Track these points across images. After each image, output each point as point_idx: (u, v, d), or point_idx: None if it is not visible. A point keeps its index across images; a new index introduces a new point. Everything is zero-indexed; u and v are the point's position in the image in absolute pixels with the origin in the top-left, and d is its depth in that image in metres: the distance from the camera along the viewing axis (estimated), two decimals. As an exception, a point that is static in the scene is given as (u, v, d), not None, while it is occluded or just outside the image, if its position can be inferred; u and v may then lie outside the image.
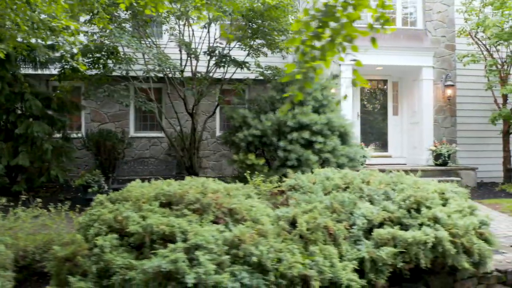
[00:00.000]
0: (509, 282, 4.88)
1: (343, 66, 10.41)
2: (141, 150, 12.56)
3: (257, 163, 7.60)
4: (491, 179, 10.91)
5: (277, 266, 3.49)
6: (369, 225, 4.25)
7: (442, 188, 4.88)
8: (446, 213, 4.39)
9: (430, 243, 4.02)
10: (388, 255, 3.92)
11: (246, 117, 7.90)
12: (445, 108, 10.84)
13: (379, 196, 4.64)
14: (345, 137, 8.12)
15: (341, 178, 5.12)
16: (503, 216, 7.66)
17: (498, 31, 8.99)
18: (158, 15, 8.19)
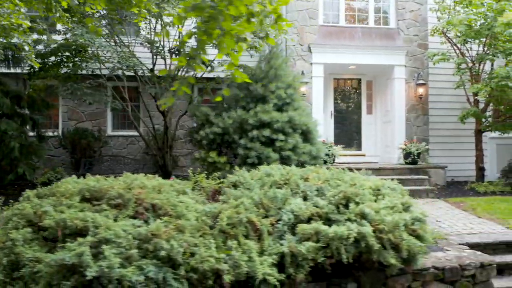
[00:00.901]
0: (447, 280, 4.90)
1: (314, 65, 10.44)
2: (119, 149, 12.59)
3: (218, 160, 7.64)
4: (464, 177, 10.92)
5: (189, 261, 3.52)
6: (296, 220, 4.27)
7: (377, 185, 4.91)
8: (375, 209, 4.41)
9: (352, 238, 4.04)
10: (309, 250, 3.95)
11: (208, 115, 7.94)
12: (417, 107, 10.86)
13: (312, 192, 4.67)
14: (308, 135, 8.15)
15: (281, 174, 5.15)
16: (463, 214, 7.68)
17: (464, 29, 9.00)
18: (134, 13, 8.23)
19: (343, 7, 10.82)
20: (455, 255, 5.15)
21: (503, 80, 8.49)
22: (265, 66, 8.35)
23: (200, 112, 7.98)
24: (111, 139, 12.47)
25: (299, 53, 10.43)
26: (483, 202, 8.28)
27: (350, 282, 4.49)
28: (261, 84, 8.10)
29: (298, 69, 10.36)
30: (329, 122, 11.42)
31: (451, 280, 4.89)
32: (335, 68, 11.14)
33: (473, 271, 4.97)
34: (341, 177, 5.07)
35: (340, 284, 4.46)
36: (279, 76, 8.28)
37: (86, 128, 11.96)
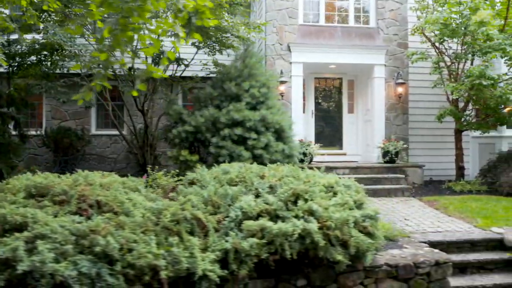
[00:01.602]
0: (401, 277, 4.93)
1: (293, 64, 10.46)
2: (102, 148, 12.65)
3: (190, 159, 7.67)
4: (445, 177, 10.92)
5: (126, 256, 3.55)
6: (244, 217, 4.30)
7: (331, 182, 4.94)
8: (323, 206, 4.44)
9: (296, 234, 4.07)
10: (253, 246, 3.98)
11: (181, 114, 7.97)
12: (397, 106, 10.87)
13: (264, 189, 4.70)
14: (281, 134, 8.17)
15: (238, 172, 5.18)
16: (434, 212, 7.69)
17: (439, 28, 9.01)
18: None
19: (323, 6, 10.84)
20: (411, 253, 5.17)
21: (477, 79, 8.50)
22: (240, 65, 8.38)
23: (173, 110, 8.01)
24: (94, 138, 12.53)
25: (278, 52, 10.45)
26: (457, 201, 8.29)
27: (300, 279, 4.53)
28: (235, 83, 8.13)
29: (277, 68, 10.39)
30: (310, 121, 11.45)
31: (405, 278, 4.92)
32: (316, 67, 11.17)
33: (427, 269, 5.00)
34: (297, 175, 5.10)
35: (289, 280, 4.50)
36: (254, 75, 8.30)
37: (69, 127, 12.01)
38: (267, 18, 10.42)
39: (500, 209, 7.57)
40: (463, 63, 9.97)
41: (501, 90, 8.48)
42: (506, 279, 5.61)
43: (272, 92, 8.39)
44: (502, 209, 7.59)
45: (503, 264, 5.92)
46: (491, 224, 6.74)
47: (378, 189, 9.09)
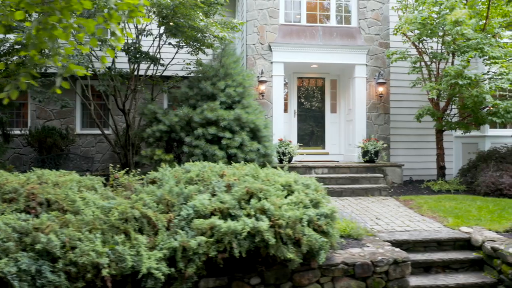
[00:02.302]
0: (358, 276, 4.94)
1: (274, 64, 10.48)
2: (87, 147, 12.69)
3: (164, 158, 7.69)
4: (427, 176, 10.94)
5: (68, 254, 3.57)
6: (196, 215, 4.32)
7: (289, 181, 4.95)
8: (276, 205, 4.45)
9: (245, 233, 4.09)
10: (200, 244, 4.00)
11: (156, 113, 8.00)
12: (378, 106, 10.88)
13: (221, 188, 4.71)
14: (257, 134, 8.19)
15: (199, 171, 5.20)
16: (407, 212, 7.69)
17: (417, 27, 9.01)
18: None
19: (304, 6, 10.85)
20: (371, 252, 5.18)
21: (453, 79, 8.50)
22: (216, 65, 8.40)
23: (148, 110, 8.04)
24: (79, 138, 12.57)
25: (259, 52, 10.47)
26: (432, 200, 8.30)
27: (253, 277, 4.54)
28: (211, 82, 8.16)
29: (258, 67, 10.41)
30: (292, 121, 11.46)
31: (362, 276, 4.94)
32: (298, 67, 11.18)
33: (385, 267, 5.01)
34: (257, 174, 5.12)
35: (243, 279, 4.51)
36: (230, 75, 8.33)
37: (53, 126, 12.05)
38: (248, 18, 10.44)
39: (473, 209, 7.57)
40: (445, 63, 9.98)
41: (477, 90, 8.48)
42: (470, 279, 5.61)
43: (248, 91, 8.41)
44: (476, 208, 7.60)
45: (468, 264, 5.93)
46: (461, 223, 6.75)
47: (356, 188, 9.11)
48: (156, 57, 8.65)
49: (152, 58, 8.53)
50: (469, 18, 8.38)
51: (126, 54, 8.62)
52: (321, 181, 9.27)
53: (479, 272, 5.85)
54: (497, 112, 8.55)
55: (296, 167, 9.72)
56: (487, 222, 6.83)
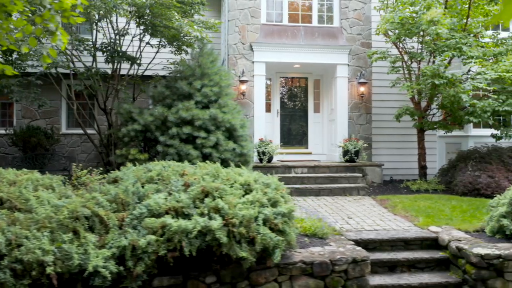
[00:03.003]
0: (317, 274, 4.95)
1: (256, 63, 10.50)
2: (72, 147, 12.73)
3: (139, 157, 7.71)
4: (409, 176, 10.95)
5: (14, 252, 3.60)
6: (150, 214, 4.34)
7: (248, 180, 4.97)
8: (231, 204, 4.47)
9: (195, 232, 4.11)
10: (150, 243, 4.02)
11: (131, 112, 8.01)
12: (360, 106, 10.89)
13: (177, 187, 4.73)
14: (233, 133, 8.19)
15: (160, 170, 5.22)
16: (381, 211, 7.70)
17: (393, 27, 9.02)
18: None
19: (286, 6, 10.87)
20: (331, 251, 5.19)
21: (429, 78, 8.51)
22: (193, 64, 8.42)
23: (123, 109, 8.05)
24: (64, 137, 12.61)
25: (241, 51, 10.49)
26: (408, 200, 8.32)
27: (209, 276, 4.56)
28: (187, 82, 8.17)
29: (240, 67, 10.44)
30: (275, 121, 11.48)
31: (321, 275, 4.95)
32: (281, 66, 11.20)
33: (344, 266, 5.02)
34: (218, 173, 5.14)
35: (198, 277, 4.53)
36: (207, 74, 8.33)
37: (38, 126, 12.09)
38: (229, 18, 10.47)
39: (447, 209, 7.59)
40: (427, 62, 9.98)
41: (454, 90, 8.48)
42: (434, 279, 5.62)
43: (225, 91, 8.40)
44: (449, 208, 7.61)
45: (434, 264, 5.94)
46: (431, 223, 6.77)
47: (334, 187, 9.12)
48: (133, 57, 8.68)
49: (129, 57, 8.56)
50: (449, 17, 8.37)
51: (103, 54, 8.65)
52: (299, 181, 9.39)
53: (445, 271, 5.86)
54: (475, 111, 8.56)
55: (276, 166, 9.75)
56: (458, 221, 6.85)
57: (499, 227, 5.94)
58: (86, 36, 9.95)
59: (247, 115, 10.49)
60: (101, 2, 7.33)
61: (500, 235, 5.93)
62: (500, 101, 8.52)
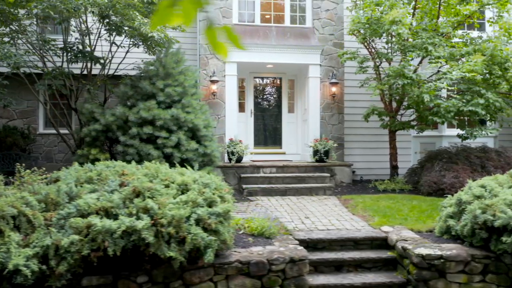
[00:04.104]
0: (253, 274, 4.97)
1: (227, 64, 10.52)
2: (50, 147, 12.76)
3: (100, 157, 7.73)
4: (382, 176, 10.94)
5: None
6: (78, 214, 4.37)
7: (186, 180, 4.99)
8: (163, 204, 4.50)
9: (120, 232, 4.13)
10: (73, 242, 4.04)
11: (93, 112, 8.05)
12: (332, 106, 10.90)
13: (111, 187, 4.76)
14: (196, 133, 8.22)
15: (100, 170, 5.25)
16: (341, 211, 7.71)
17: (359, 27, 9.03)
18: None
19: (258, 6, 10.89)
20: (271, 250, 5.21)
21: (392, 79, 8.51)
22: (157, 64, 8.44)
23: (85, 109, 8.09)
24: (42, 137, 12.64)
25: (212, 51, 10.51)
26: (371, 199, 8.33)
27: (140, 276, 4.58)
28: (150, 82, 8.20)
29: (211, 67, 10.46)
30: (249, 121, 11.50)
31: (257, 275, 4.97)
32: (254, 67, 11.22)
33: (282, 266, 5.04)
34: (157, 173, 5.16)
35: (129, 277, 4.55)
36: (171, 74, 8.36)
37: (15, 126, 12.13)
38: (200, 18, 10.49)
39: (406, 208, 7.60)
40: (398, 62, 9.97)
41: (418, 90, 8.48)
42: (379, 279, 5.63)
43: (189, 91, 8.41)
44: (408, 208, 7.62)
45: (382, 263, 5.95)
46: (386, 223, 6.77)
47: (301, 187, 9.14)
48: (97, 57, 8.71)
49: (93, 57, 8.58)
50: (419, 17, 8.36)
51: (66, 54, 8.69)
52: (267, 181, 9.41)
53: (392, 271, 5.87)
54: (439, 111, 8.56)
55: (244, 166, 9.77)
56: (413, 221, 6.86)
57: (447, 228, 5.94)
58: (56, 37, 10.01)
59: (219, 115, 10.52)
60: (61, 3, 7.35)
61: (447, 235, 5.94)
62: (464, 101, 8.51)
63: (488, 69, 8.55)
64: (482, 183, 6.02)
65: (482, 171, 8.77)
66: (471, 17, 9.90)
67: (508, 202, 5.32)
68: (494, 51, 8.57)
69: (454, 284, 5.30)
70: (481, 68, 8.31)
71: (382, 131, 11.07)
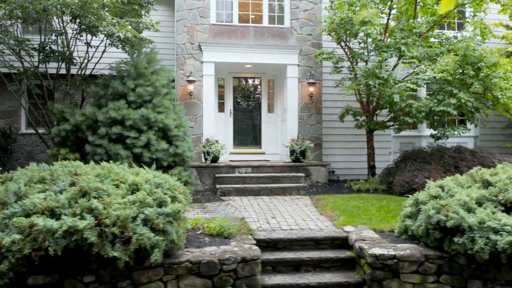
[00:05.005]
0: (204, 274, 4.99)
1: (205, 64, 10.53)
2: (32, 147, 12.79)
3: (69, 157, 7.75)
4: (360, 176, 10.95)
5: None
6: (24, 214, 4.39)
7: (136, 181, 5.00)
8: (109, 204, 4.51)
9: (61, 231, 4.15)
10: (14, 242, 4.07)
11: (64, 112, 8.07)
12: (310, 106, 10.91)
13: (60, 187, 4.78)
14: (167, 133, 8.24)
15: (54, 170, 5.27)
16: (310, 211, 7.70)
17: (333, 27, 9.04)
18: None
19: (236, 6, 10.89)
20: (224, 250, 5.22)
21: (364, 79, 8.52)
22: (129, 64, 8.47)
23: (56, 109, 8.11)
24: (24, 137, 12.68)
25: (189, 51, 10.52)
26: (342, 199, 8.33)
27: (87, 275, 4.60)
28: (121, 82, 8.22)
29: (188, 67, 10.48)
30: (228, 121, 11.51)
31: (208, 275, 4.98)
32: (233, 67, 11.23)
33: (233, 265, 5.06)
34: (110, 172, 5.18)
35: (76, 276, 4.57)
36: (143, 74, 8.38)
37: (-3, 126, 12.18)
38: (177, 18, 10.50)
39: (373, 208, 7.60)
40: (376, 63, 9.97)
41: (389, 90, 8.49)
42: (335, 278, 5.63)
43: (161, 90, 8.42)
44: (377, 208, 7.63)
45: (341, 263, 5.95)
46: (350, 222, 6.78)
47: (275, 187, 9.15)
48: (68, 56, 8.74)
49: (64, 57, 8.60)
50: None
51: (39, 54, 8.72)
52: (241, 180, 9.42)
53: (351, 271, 5.87)
54: (410, 112, 8.57)
55: (219, 166, 9.79)
56: (377, 221, 6.87)
57: (405, 228, 5.95)
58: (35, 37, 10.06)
59: (196, 115, 10.53)
60: (30, 4, 7.38)
61: (406, 235, 5.95)
62: (436, 101, 8.51)
63: (461, 69, 8.55)
64: (440, 183, 6.03)
65: (455, 171, 8.76)
66: (448, 17, 9.91)
67: (462, 203, 5.33)
68: (467, 51, 8.57)
69: (408, 284, 5.31)
70: (452, 68, 8.32)
71: (362, 131, 11.08)
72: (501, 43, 11.86)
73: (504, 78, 8.88)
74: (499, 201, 5.40)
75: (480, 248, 4.89)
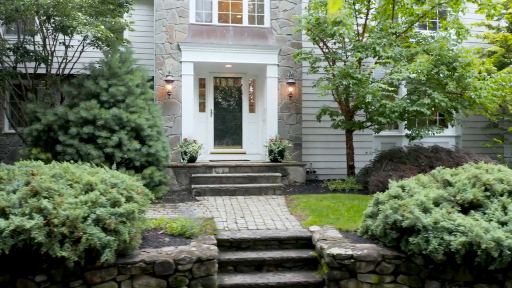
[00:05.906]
0: (159, 274, 4.99)
1: (183, 63, 10.54)
2: (14, 147, 12.81)
3: (41, 157, 7.77)
4: (340, 176, 10.94)
5: None
6: (-26, 214, 4.41)
7: (91, 181, 5.02)
8: (59, 204, 4.53)
9: (8, 231, 4.17)
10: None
11: (36, 112, 8.08)
12: (290, 106, 10.91)
13: (14, 186, 4.79)
14: (140, 133, 8.24)
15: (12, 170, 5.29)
16: (281, 211, 7.71)
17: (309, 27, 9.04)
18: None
19: (216, 6, 10.90)
20: (180, 250, 5.23)
21: (338, 79, 8.52)
22: (102, 64, 8.48)
23: (28, 109, 8.12)
24: (7, 137, 12.71)
25: (168, 51, 10.53)
26: (315, 199, 8.34)
27: (39, 275, 4.62)
28: (94, 81, 8.23)
29: (167, 67, 10.49)
30: (209, 120, 11.53)
31: (163, 275, 4.99)
32: (214, 66, 11.24)
33: (189, 266, 5.06)
34: (66, 172, 5.19)
35: (27, 276, 4.59)
36: (116, 74, 8.38)
37: (-23, 126, 12.21)
38: (156, 17, 10.51)
39: (343, 208, 7.61)
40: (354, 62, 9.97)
41: (363, 90, 8.49)
42: (295, 278, 5.62)
43: (134, 90, 8.42)
44: (347, 208, 7.63)
45: (302, 263, 5.95)
46: (317, 222, 6.79)
47: (251, 187, 9.16)
48: (43, 56, 8.75)
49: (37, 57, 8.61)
50: (374, 17, 8.33)
51: (14, 54, 8.74)
52: (218, 180, 9.43)
53: (312, 271, 5.86)
54: (384, 112, 8.57)
55: (196, 166, 9.80)
56: (344, 221, 6.87)
57: (366, 227, 5.96)
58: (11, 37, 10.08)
59: (175, 115, 10.55)
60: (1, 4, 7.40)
61: (367, 235, 5.95)
62: (409, 102, 8.52)
63: (436, 68, 8.55)
64: (402, 183, 6.04)
65: (430, 171, 8.75)
66: (425, 17, 9.91)
67: (419, 203, 5.34)
68: (441, 51, 8.57)
69: (365, 284, 5.31)
70: (426, 68, 8.32)
71: (342, 131, 11.08)
72: (483, 42, 11.87)
73: (480, 78, 8.88)
74: (457, 201, 5.40)
75: (434, 248, 4.90)
